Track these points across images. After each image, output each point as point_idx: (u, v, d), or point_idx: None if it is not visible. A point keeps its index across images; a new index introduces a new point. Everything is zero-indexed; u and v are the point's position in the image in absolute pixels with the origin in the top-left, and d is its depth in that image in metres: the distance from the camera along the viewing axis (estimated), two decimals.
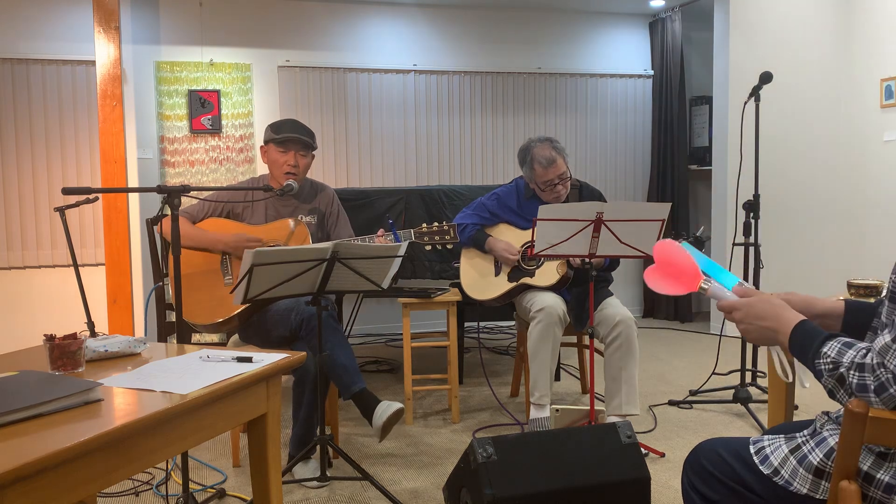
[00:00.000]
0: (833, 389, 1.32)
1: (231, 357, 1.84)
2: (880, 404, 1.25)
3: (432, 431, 3.50)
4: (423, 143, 5.92)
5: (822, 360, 1.33)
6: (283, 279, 2.52)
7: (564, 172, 3.36)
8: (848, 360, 1.29)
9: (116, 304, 4.78)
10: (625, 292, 6.33)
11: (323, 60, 5.67)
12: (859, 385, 1.27)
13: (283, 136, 3.16)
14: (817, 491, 1.40)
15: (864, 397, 1.26)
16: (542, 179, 3.35)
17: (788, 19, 5.55)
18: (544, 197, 3.40)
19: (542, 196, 3.41)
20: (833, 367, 1.31)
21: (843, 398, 1.31)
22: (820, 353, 1.34)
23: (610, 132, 6.38)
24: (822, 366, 1.33)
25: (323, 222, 3.32)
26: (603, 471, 2.25)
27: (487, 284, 3.48)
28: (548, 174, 3.33)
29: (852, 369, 1.28)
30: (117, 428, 1.33)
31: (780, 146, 5.51)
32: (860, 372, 1.27)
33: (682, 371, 4.56)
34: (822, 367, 1.33)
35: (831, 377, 1.31)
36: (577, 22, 6.25)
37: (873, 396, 1.25)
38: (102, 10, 4.72)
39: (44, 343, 1.73)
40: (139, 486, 2.87)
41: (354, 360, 2.86)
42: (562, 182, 3.36)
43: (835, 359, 1.31)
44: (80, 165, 5.16)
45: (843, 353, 1.31)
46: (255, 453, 1.86)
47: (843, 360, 1.30)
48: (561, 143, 3.40)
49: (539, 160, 3.32)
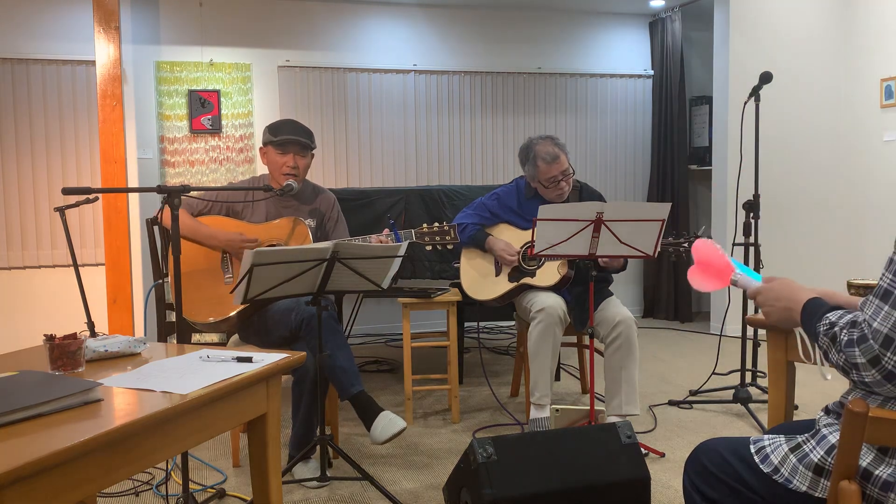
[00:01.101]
0: (826, 349, 1.36)
1: (231, 357, 1.84)
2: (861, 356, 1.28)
3: (432, 431, 3.50)
4: (423, 143, 5.92)
5: (822, 322, 1.38)
6: (283, 279, 2.52)
7: (567, 169, 3.36)
8: (844, 321, 1.34)
9: (116, 304, 4.78)
10: (625, 292, 6.33)
11: (323, 60, 5.67)
12: (847, 341, 1.31)
13: (281, 138, 3.16)
14: (816, 489, 1.41)
15: (850, 352, 1.30)
16: (545, 176, 3.34)
17: (788, 19, 5.55)
18: (547, 194, 3.40)
19: (545, 194, 3.40)
20: (829, 327, 1.36)
21: (833, 356, 1.34)
22: (823, 318, 1.39)
23: (610, 132, 6.38)
24: (821, 328, 1.38)
25: (322, 225, 3.32)
26: (603, 471, 2.25)
27: (488, 284, 3.48)
28: (551, 170, 3.33)
29: (845, 328, 1.33)
30: (117, 428, 1.33)
31: (780, 146, 5.51)
32: (850, 328, 1.31)
33: (682, 371, 4.56)
34: (821, 328, 1.38)
35: (826, 336, 1.36)
36: (577, 22, 6.25)
37: (856, 349, 1.29)
38: (102, 10, 4.72)
39: (44, 343, 1.73)
40: (139, 486, 2.87)
41: (353, 363, 2.86)
42: (565, 179, 3.36)
43: (833, 321, 1.36)
44: (80, 165, 5.17)
45: (842, 317, 1.36)
46: (255, 453, 1.86)
47: (839, 321, 1.35)
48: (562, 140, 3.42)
49: (542, 157, 3.32)
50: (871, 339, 1.27)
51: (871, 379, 1.28)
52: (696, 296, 6.48)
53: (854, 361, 1.29)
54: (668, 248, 3.08)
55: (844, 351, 1.30)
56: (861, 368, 1.28)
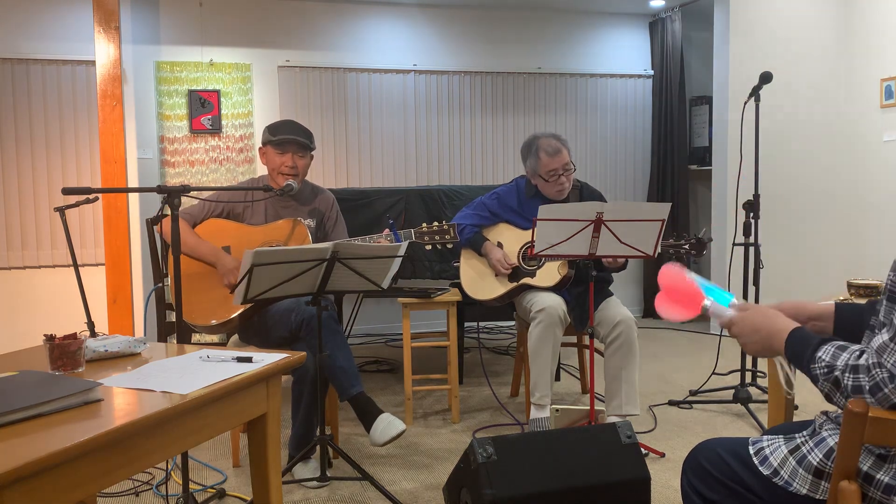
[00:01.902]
0: (829, 393, 1.33)
1: (231, 357, 1.84)
2: (876, 405, 1.25)
3: (432, 431, 3.50)
4: (423, 143, 5.92)
5: (817, 364, 1.34)
6: (283, 279, 2.52)
7: (568, 164, 3.38)
8: (842, 363, 1.30)
9: (116, 304, 4.78)
10: (625, 292, 6.33)
11: (323, 60, 5.67)
12: (854, 387, 1.27)
13: (280, 137, 3.16)
14: (817, 491, 1.40)
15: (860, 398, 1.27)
16: (546, 169, 3.35)
17: (788, 19, 5.55)
18: (547, 190, 3.40)
19: (545, 189, 3.41)
20: (828, 370, 1.32)
21: (839, 401, 1.31)
22: (815, 359, 1.34)
23: (610, 132, 6.38)
24: (818, 370, 1.33)
25: (321, 225, 3.32)
26: (603, 471, 2.25)
27: (488, 284, 3.48)
28: (553, 163, 3.35)
29: (847, 372, 1.29)
30: (117, 428, 1.33)
31: (780, 146, 5.51)
32: (854, 374, 1.28)
33: (682, 371, 4.56)
34: (818, 371, 1.33)
35: (827, 381, 1.32)
36: (577, 22, 6.25)
37: (869, 397, 1.26)
38: (102, 10, 4.72)
39: (44, 343, 1.73)
40: (139, 486, 2.87)
41: (353, 363, 2.86)
42: (566, 173, 3.37)
43: (829, 363, 1.32)
44: (80, 165, 5.17)
45: (837, 357, 1.32)
46: (255, 453, 1.86)
47: (837, 363, 1.31)
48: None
49: (545, 149, 3.35)
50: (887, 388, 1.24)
51: None
52: None
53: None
54: (668, 250, 3.08)
55: (853, 397, 1.28)
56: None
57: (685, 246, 3.06)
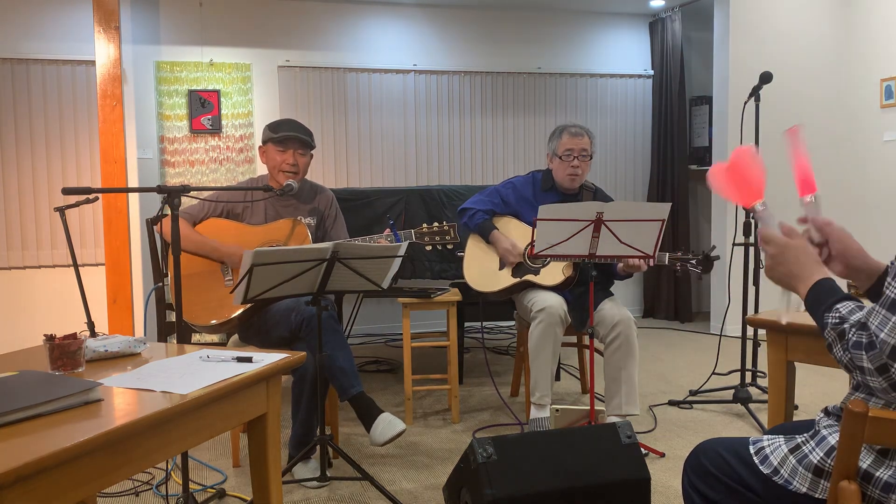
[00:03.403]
0: (832, 343, 1.34)
1: (231, 357, 1.84)
2: (869, 362, 1.27)
3: (432, 431, 3.50)
4: (423, 143, 5.92)
5: (832, 314, 1.35)
6: (283, 279, 2.52)
7: (587, 150, 3.42)
8: (855, 318, 1.32)
9: (116, 304, 4.78)
10: (625, 292, 6.33)
11: (323, 60, 5.67)
12: (856, 343, 1.29)
13: (282, 134, 3.16)
14: (816, 490, 1.41)
15: (857, 354, 1.29)
16: (565, 147, 3.40)
17: (788, 19, 5.55)
18: (559, 173, 3.43)
19: (558, 172, 3.43)
20: (839, 321, 1.33)
21: (837, 353, 1.33)
22: (833, 308, 1.36)
23: (610, 132, 6.38)
24: (830, 319, 1.35)
25: (322, 223, 3.32)
26: (603, 471, 2.25)
27: (491, 277, 3.47)
28: (572, 143, 3.40)
29: (855, 327, 1.30)
30: (117, 428, 1.33)
31: (780, 146, 5.51)
32: (860, 330, 1.29)
33: (682, 371, 4.56)
34: (830, 320, 1.35)
35: (834, 330, 1.33)
36: (577, 22, 6.25)
37: (864, 353, 1.27)
38: (102, 10, 4.72)
39: (44, 343, 1.73)
40: (139, 486, 2.87)
41: (353, 363, 2.85)
42: (581, 158, 3.40)
43: (843, 315, 1.33)
44: (80, 165, 5.17)
45: (853, 312, 1.33)
46: (255, 453, 1.86)
47: (850, 317, 1.32)
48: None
49: (570, 129, 3.44)
50: (878, 348, 1.26)
51: (877, 385, 1.28)
52: (696, 296, 6.48)
53: (860, 364, 1.28)
54: (674, 264, 3.08)
55: (851, 351, 1.30)
56: (867, 373, 1.28)
57: (692, 261, 3.06)
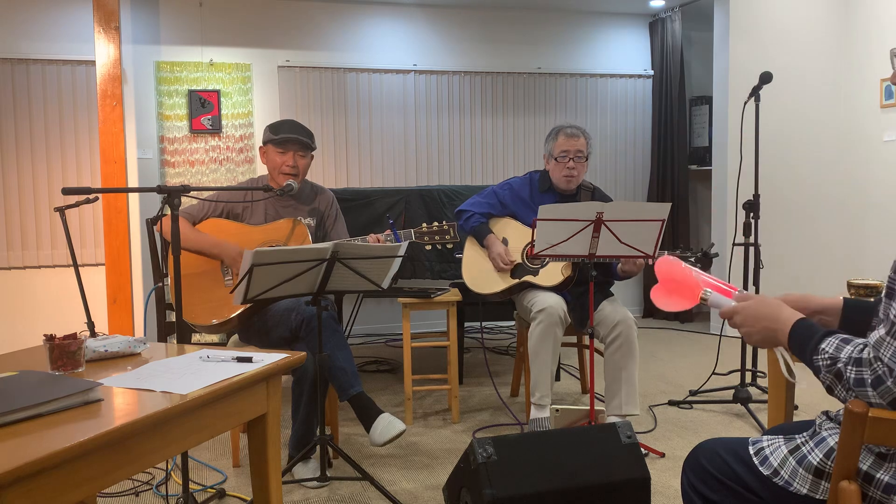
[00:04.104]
0: (831, 385, 1.32)
1: (231, 357, 1.84)
2: (877, 398, 1.25)
3: (432, 431, 3.50)
4: (423, 143, 5.92)
5: (819, 356, 1.33)
6: (283, 279, 2.52)
7: (583, 151, 3.43)
8: (845, 355, 1.29)
9: (116, 304, 4.78)
10: (625, 292, 6.33)
11: (323, 60, 5.67)
12: (857, 380, 1.27)
13: (282, 136, 3.16)
14: (817, 491, 1.40)
15: (862, 392, 1.26)
16: (560, 148, 3.41)
17: (788, 19, 5.55)
18: (556, 174, 3.43)
19: (555, 173, 3.43)
20: (831, 362, 1.31)
21: (840, 393, 1.31)
22: (818, 350, 1.33)
23: (610, 132, 6.38)
24: (820, 362, 1.33)
25: (322, 224, 3.32)
26: (603, 471, 2.25)
27: (490, 279, 3.47)
28: (567, 144, 3.40)
29: (850, 364, 1.28)
30: (117, 428, 1.33)
31: (780, 146, 5.51)
32: (857, 367, 1.27)
33: (682, 371, 4.56)
34: (820, 363, 1.33)
35: (829, 373, 1.31)
36: (577, 22, 6.25)
37: (870, 390, 1.25)
38: (102, 10, 4.72)
39: (44, 343, 1.73)
40: (139, 486, 2.87)
41: (353, 363, 2.85)
42: (577, 160, 3.40)
43: (832, 354, 1.31)
44: (80, 165, 5.17)
45: (840, 349, 1.31)
46: (255, 453, 1.86)
47: (840, 355, 1.30)
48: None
49: (566, 131, 3.44)
50: (889, 382, 1.23)
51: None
52: None
53: (869, 402, 1.26)
54: None
55: (855, 390, 1.27)
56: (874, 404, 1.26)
57: (691, 259, 3.06)
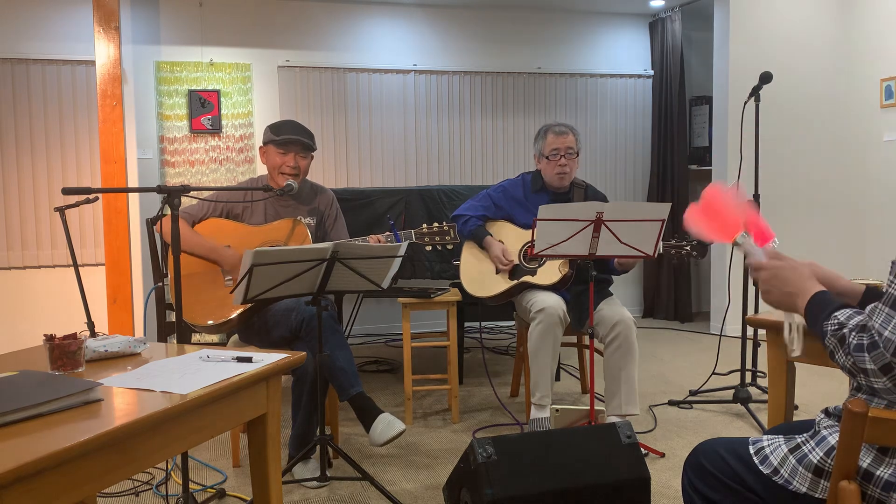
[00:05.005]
0: (833, 350, 1.34)
1: (231, 357, 1.84)
2: (871, 363, 1.27)
3: (432, 431, 3.50)
4: (423, 143, 5.92)
5: (830, 322, 1.35)
6: (283, 279, 2.52)
7: (573, 148, 3.44)
8: (853, 323, 1.32)
9: (116, 304, 4.78)
10: (625, 292, 6.33)
11: (323, 60, 5.67)
12: (857, 345, 1.29)
13: (283, 137, 3.16)
14: (816, 490, 1.41)
15: (860, 357, 1.28)
16: (550, 147, 3.42)
17: (788, 19, 5.55)
18: (548, 172, 3.44)
19: (546, 172, 3.45)
20: (838, 328, 1.33)
21: (840, 358, 1.33)
22: (831, 317, 1.36)
23: (610, 132, 6.38)
24: (829, 327, 1.35)
25: (322, 223, 3.32)
26: (603, 471, 2.25)
27: (487, 282, 3.47)
28: (557, 142, 3.42)
29: (854, 330, 1.30)
30: (117, 428, 1.33)
31: (780, 146, 5.51)
32: (860, 332, 1.29)
33: (682, 371, 4.56)
34: (829, 328, 1.35)
35: (834, 337, 1.33)
36: (577, 22, 6.25)
37: (867, 355, 1.27)
38: (102, 10, 4.72)
39: (44, 343, 1.73)
40: (139, 486, 2.87)
41: (353, 363, 2.85)
42: (568, 156, 3.41)
43: (842, 321, 1.34)
44: (80, 165, 5.17)
45: (851, 318, 1.33)
46: (255, 453, 1.86)
47: (849, 322, 1.32)
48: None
49: (554, 129, 3.46)
50: (881, 346, 1.25)
51: (881, 385, 1.28)
52: (695, 296, 6.48)
53: (863, 367, 1.28)
54: (669, 251, 3.08)
55: (853, 355, 1.29)
56: (870, 374, 1.28)
57: (687, 247, 3.06)
